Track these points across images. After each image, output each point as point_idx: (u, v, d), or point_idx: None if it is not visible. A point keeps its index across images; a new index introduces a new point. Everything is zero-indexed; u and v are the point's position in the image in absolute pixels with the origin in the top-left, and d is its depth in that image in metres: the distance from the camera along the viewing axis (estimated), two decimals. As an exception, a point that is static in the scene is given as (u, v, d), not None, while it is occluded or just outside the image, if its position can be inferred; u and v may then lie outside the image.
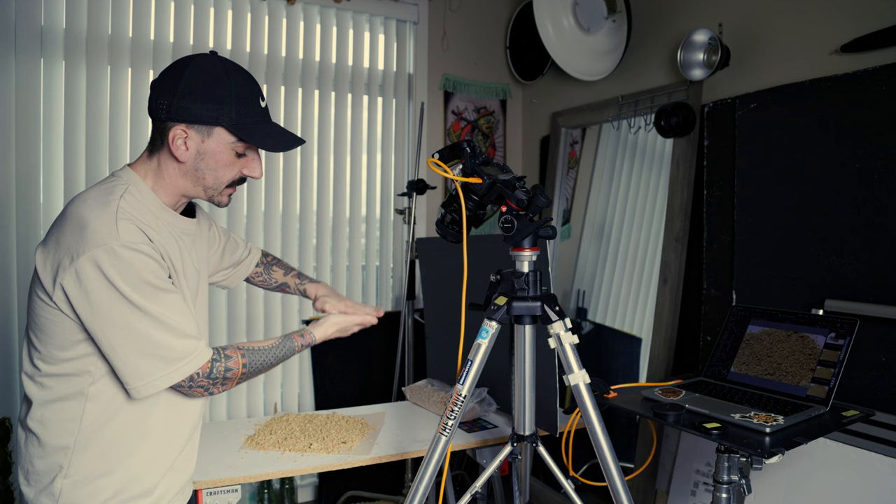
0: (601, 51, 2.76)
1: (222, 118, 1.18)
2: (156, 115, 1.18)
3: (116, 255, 1.08)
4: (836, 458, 1.79)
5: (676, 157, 2.47)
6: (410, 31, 3.18)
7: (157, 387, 1.15)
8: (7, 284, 2.38)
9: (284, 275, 1.66)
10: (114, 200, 1.15)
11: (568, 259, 3.04)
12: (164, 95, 1.17)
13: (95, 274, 1.08)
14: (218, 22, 2.73)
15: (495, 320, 1.34)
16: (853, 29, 1.91)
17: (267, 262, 1.66)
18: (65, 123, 2.46)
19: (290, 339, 1.35)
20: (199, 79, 1.17)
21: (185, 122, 1.17)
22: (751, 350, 1.83)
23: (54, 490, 1.17)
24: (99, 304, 1.09)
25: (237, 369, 1.24)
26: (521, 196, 1.29)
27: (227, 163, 1.23)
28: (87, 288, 1.09)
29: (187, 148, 1.19)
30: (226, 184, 1.26)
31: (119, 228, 1.10)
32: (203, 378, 1.19)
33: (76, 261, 1.08)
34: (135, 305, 1.10)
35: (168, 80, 1.18)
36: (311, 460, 1.67)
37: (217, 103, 1.17)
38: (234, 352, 1.25)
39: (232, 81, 1.19)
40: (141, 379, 1.14)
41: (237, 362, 1.24)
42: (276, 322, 2.87)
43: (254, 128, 1.21)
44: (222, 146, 1.21)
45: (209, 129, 1.18)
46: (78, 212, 1.13)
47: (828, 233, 1.97)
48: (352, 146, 3.05)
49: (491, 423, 1.94)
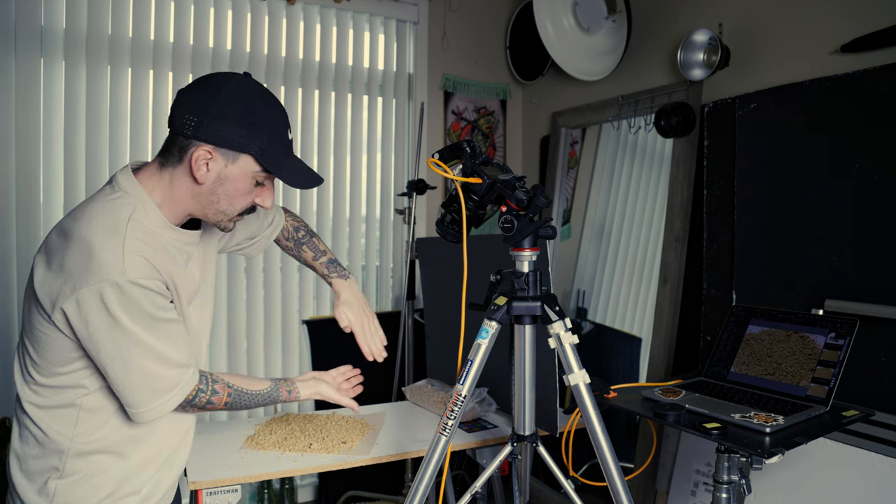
0: (601, 51, 2.76)
1: (251, 146, 1.13)
2: (180, 130, 1.12)
3: (122, 292, 1.07)
4: (836, 458, 1.79)
5: (676, 157, 2.47)
6: (410, 31, 3.18)
7: (150, 416, 1.17)
8: (7, 285, 2.38)
9: (314, 259, 1.59)
10: (122, 226, 1.11)
11: (568, 259, 3.04)
12: (194, 112, 1.11)
13: (98, 306, 1.07)
14: (218, 22, 2.73)
15: (495, 320, 1.34)
16: (853, 29, 1.91)
17: (298, 238, 1.59)
18: (65, 123, 2.46)
19: (277, 390, 1.36)
20: (236, 101, 1.12)
21: (212, 144, 1.12)
22: (751, 350, 1.83)
23: (48, 490, 1.17)
24: (97, 335, 1.09)
25: (218, 404, 1.26)
26: (521, 196, 1.29)
27: (244, 191, 1.18)
28: (87, 318, 1.08)
29: (208, 170, 1.14)
30: (237, 212, 1.22)
31: (126, 263, 1.08)
32: (185, 402, 1.21)
33: (79, 290, 1.06)
34: (134, 338, 1.10)
35: (201, 97, 1.12)
36: (311, 460, 1.66)
37: (250, 130, 1.12)
38: (222, 387, 1.26)
39: (268, 110, 1.15)
40: (134, 407, 1.15)
41: (220, 398, 1.26)
42: (276, 322, 2.88)
43: (281, 160, 1.17)
44: (244, 174, 1.16)
45: (236, 155, 1.13)
46: (84, 236, 1.09)
47: (828, 233, 1.97)
48: (352, 146, 3.05)
49: (491, 423, 1.94)
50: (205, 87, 1.14)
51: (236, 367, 2.78)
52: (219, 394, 1.25)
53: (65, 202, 2.47)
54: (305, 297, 2.95)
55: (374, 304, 3.13)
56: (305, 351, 2.94)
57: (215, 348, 2.75)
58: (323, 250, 1.61)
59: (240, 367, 2.79)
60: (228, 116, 1.11)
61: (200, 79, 1.16)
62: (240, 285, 2.80)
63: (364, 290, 3.14)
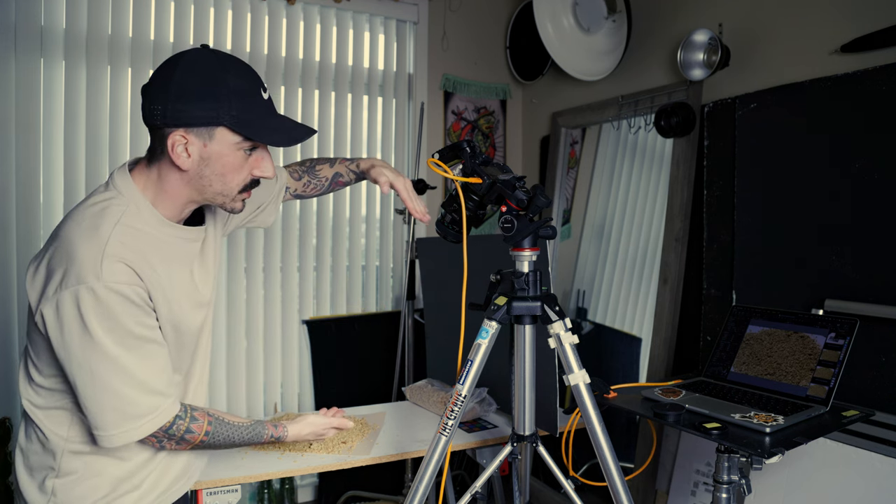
0: (601, 51, 2.76)
1: (223, 117, 1.07)
2: (151, 122, 1.09)
3: (97, 299, 1.03)
4: (836, 458, 1.79)
5: (676, 157, 2.47)
6: (410, 31, 3.18)
7: (117, 442, 1.09)
8: (7, 284, 2.38)
9: (331, 166, 1.51)
10: (107, 228, 1.08)
11: (568, 259, 3.04)
12: (157, 100, 1.07)
13: (73, 312, 1.03)
14: (218, 22, 2.72)
15: (495, 320, 1.34)
16: (853, 29, 1.91)
17: (306, 167, 1.52)
18: (65, 123, 2.46)
19: (261, 426, 1.31)
20: (192, 76, 1.06)
21: (183, 126, 1.07)
22: (751, 350, 1.83)
23: (47, 488, 1.18)
24: (70, 342, 1.05)
25: (198, 434, 1.18)
26: (521, 196, 1.29)
27: (234, 166, 1.13)
28: (62, 322, 1.04)
29: (189, 154, 1.09)
30: (237, 189, 1.17)
31: (103, 267, 1.04)
32: (160, 432, 1.14)
33: (59, 293, 1.03)
34: (106, 353, 1.05)
35: (159, 83, 1.07)
36: (311, 460, 1.67)
37: (215, 101, 1.06)
38: (203, 416, 1.20)
39: (229, 75, 1.08)
40: (100, 430, 1.09)
41: (201, 427, 1.18)
42: (276, 322, 2.88)
43: (258, 123, 1.11)
44: (227, 148, 1.11)
45: (210, 130, 1.08)
46: (70, 236, 1.07)
47: (828, 233, 1.97)
48: (352, 146, 3.04)
49: (491, 423, 1.94)
50: (161, 72, 1.09)
51: (236, 367, 2.78)
52: (199, 421, 1.18)
53: (65, 202, 2.46)
54: (305, 297, 2.95)
55: (374, 304, 3.13)
56: (305, 351, 2.94)
57: (215, 348, 2.75)
58: (332, 158, 1.54)
59: (240, 367, 2.79)
60: (189, 93, 1.06)
61: (158, 67, 1.11)
62: (240, 285, 2.79)
63: (364, 290, 3.14)
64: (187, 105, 1.06)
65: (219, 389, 2.76)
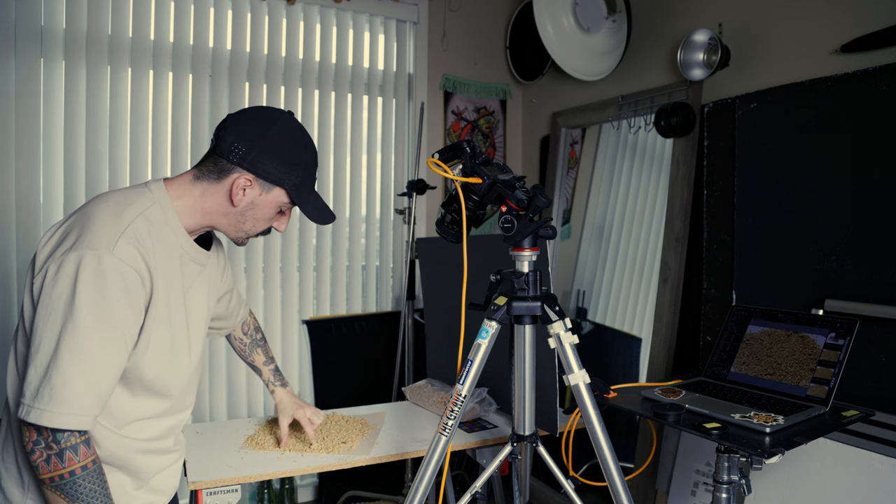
0: (601, 51, 2.76)
1: (287, 181, 1.23)
2: (225, 154, 1.21)
3: (99, 266, 1.07)
4: (836, 458, 1.79)
5: (676, 157, 2.47)
6: (410, 31, 3.18)
7: (32, 416, 1.04)
8: (7, 284, 2.38)
9: (263, 364, 1.76)
10: (130, 215, 1.15)
11: (568, 259, 3.04)
12: (242, 141, 1.20)
13: (72, 272, 1.06)
14: (218, 22, 2.73)
15: (495, 320, 1.34)
16: (853, 29, 1.91)
17: (256, 339, 1.74)
18: (65, 123, 2.46)
19: None
20: (283, 141, 1.22)
21: (254, 174, 1.21)
22: (751, 350, 1.83)
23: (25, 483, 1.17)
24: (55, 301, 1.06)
25: (77, 462, 1.08)
26: (521, 196, 1.29)
27: (268, 217, 1.29)
28: (57, 280, 1.06)
29: (244, 195, 1.23)
30: (255, 233, 1.32)
31: (118, 243, 1.10)
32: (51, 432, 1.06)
33: (66, 254, 1.08)
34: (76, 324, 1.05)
35: (251, 130, 1.21)
36: (311, 460, 1.66)
37: (289, 168, 1.23)
38: (95, 455, 1.11)
39: (307, 152, 1.26)
40: (28, 399, 1.06)
41: (86, 457, 1.09)
42: (276, 322, 2.88)
43: (306, 196, 1.28)
44: (273, 203, 1.26)
45: (272, 186, 1.24)
46: (93, 212, 1.14)
47: (828, 233, 1.97)
48: (352, 146, 3.05)
49: (491, 423, 1.94)
50: (255, 119, 1.23)
51: (236, 367, 2.78)
52: (88, 454, 1.10)
53: (65, 202, 2.47)
54: (305, 297, 2.95)
55: (374, 304, 3.14)
56: (305, 351, 2.94)
57: (216, 348, 2.75)
58: (271, 357, 1.77)
59: (240, 367, 2.79)
60: (274, 153, 1.21)
61: (251, 110, 1.26)
62: (240, 285, 2.79)
63: (364, 290, 3.14)
64: (268, 160, 1.21)
65: (219, 389, 2.76)
